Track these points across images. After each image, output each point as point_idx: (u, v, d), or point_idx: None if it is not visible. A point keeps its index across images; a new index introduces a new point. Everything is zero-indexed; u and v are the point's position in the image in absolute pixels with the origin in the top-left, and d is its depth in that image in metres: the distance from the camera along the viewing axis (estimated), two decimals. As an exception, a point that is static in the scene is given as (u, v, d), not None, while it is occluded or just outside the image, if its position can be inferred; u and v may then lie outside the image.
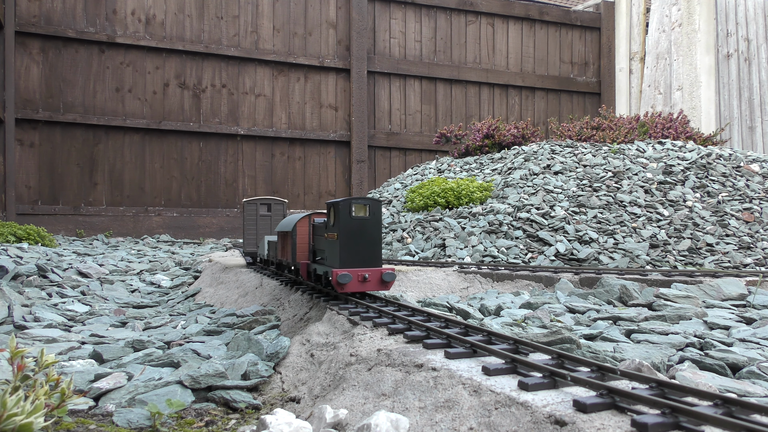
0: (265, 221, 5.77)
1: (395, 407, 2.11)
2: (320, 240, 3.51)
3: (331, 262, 3.24)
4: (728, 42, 15.24)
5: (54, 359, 1.82)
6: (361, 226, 3.15)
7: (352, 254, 3.12)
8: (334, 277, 3.06)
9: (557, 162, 8.42)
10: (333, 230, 3.18)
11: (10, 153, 11.68)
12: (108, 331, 3.96)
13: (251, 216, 5.71)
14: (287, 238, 4.08)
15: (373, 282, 3.17)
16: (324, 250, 3.41)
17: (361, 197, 3.19)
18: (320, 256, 3.51)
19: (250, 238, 5.80)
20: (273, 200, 5.81)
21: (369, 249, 3.18)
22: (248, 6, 13.72)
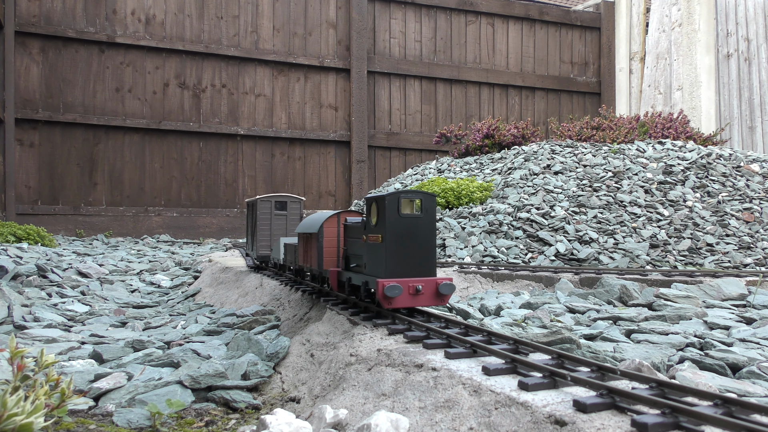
0: (280, 221, 5.20)
1: (395, 407, 2.11)
2: (356, 244, 3.04)
3: (372, 271, 2.75)
4: (728, 42, 15.24)
5: (54, 359, 1.82)
6: (412, 226, 2.65)
7: (401, 261, 2.65)
8: (380, 289, 2.56)
9: (557, 162, 8.42)
10: (376, 231, 2.71)
11: (10, 153, 11.68)
12: (108, 331, 3.96)
13: (264, 215, 5.15)
14: (311, 242, 3.60)
15: (426, 295, 2.66)
16: (362, 255, 2.92)
17: (411, 190, 2.65)
18: (356, 262, 3.04)
19: (263, 239, 5.21)
20: (289, 198, 5.25)
21: (421, 254, 2.68)
22: (248, 6, 13.72)
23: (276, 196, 5.20)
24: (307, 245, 3.70)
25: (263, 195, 5.11)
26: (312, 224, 3.56)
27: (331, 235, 3.37)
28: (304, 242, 3.79)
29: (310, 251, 3.65)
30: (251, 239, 5.63)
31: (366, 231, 2.82)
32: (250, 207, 5.64)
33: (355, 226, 3.11)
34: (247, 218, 5.90)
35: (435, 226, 2.73)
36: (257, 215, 5.18)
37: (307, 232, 3.66)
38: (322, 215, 3.48)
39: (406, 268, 2.66)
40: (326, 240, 3.36)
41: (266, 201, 5.16)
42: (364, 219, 2.87)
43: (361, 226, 2.96)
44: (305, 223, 3.77)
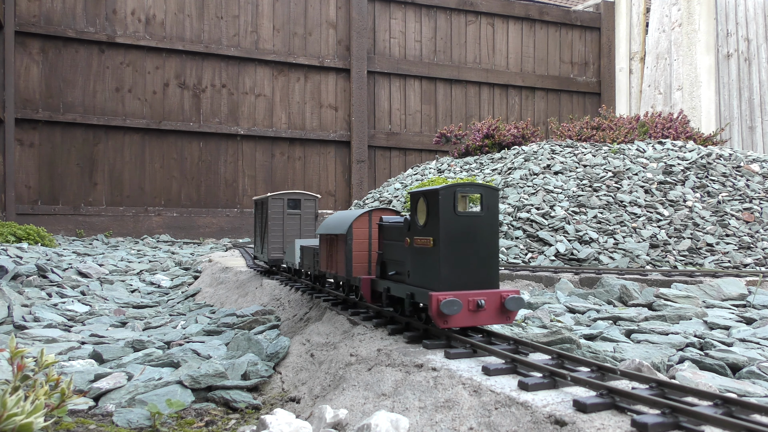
0: (293, 221, 4.77)
1: (395, 407, 2.11)
2: (395, 248, 2.65)
3: (420, 280, 2.37)
4: (728, 42, 15.24)
5: (54, 359, 1.82)
6: (471, 226, 2.25)
7: (458, 269, 2.24)
8: (434, 304, 2.16)
9: (557, 162, 8.42)
10: (425, 233, 2.31)
11: (10, 153, 11.68)
12: (108, 331, 3.96)
13: (276, 215, 4.72)
14: (336, 244, 3.17)
15: (489, 311, 2.26)
16: (404, 261, 2.53)
17: (469, 183, 2.32)
18: (395, 269, 2.65)
19: (275, 241, 4.75)
20: (303, 195, 4.82)
21: (482, 261, 2.27)
22: (248, 6, 13.72)
23: (289, 194, 4.77)
24: (332, 248, 3.26)
25: (274, 192, 4.73)
26: (338, 224, 3.15)
27: (362, 236, 2.99)
28: (327, 245, 3.34)
29: (335, 255, 3.21)
30: (260, 241, 5.17)
31: (411, 232, 2.42)
32: (260, 206, 5.21)
33: (394, 227, 2.70)
34: (256, 218, 5.46)
35: (497, 227, 2.33)
36: (268, 215, 4.76)
37: (331, 234, 3.22)
38: (350, 214, 3.12)
39: (464, 278, 2.24)
40: (356, 243, 2.99)
41: (278, 199, 4.76)
42: (407, 218, 2.46)
43: (402, 226, 2.55)
44: (329, 223, 3.35)
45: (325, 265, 3.42)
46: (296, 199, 4.82)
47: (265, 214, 4.92)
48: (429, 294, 2.19)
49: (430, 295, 2.18)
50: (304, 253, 4.06)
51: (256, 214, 5.50)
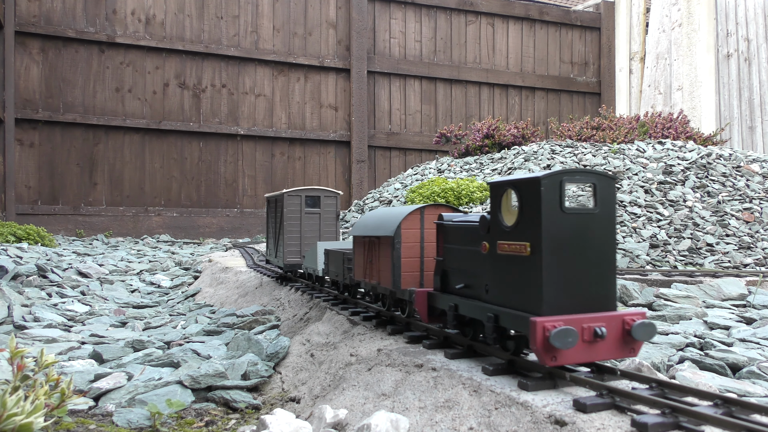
0: (312, 221, 4.31)
1: (395, 407, 2.10)
2: (465, 254, 2.18)
3: (509, 299, 1.89)
4: (728, 42, 15.24)
5: (54, 359, 1.82)
6: (583, 227, 1.76)
7: (567, 286, 1.74)
8: (538, 334, 1.66)
9: (557, 162, 8.42)
10: (517, 236, 1.82)
11: (10, 153, 11.68)
12: (108, 331, 3.96)
13: (293, 214, 4.26)
14: (378, 249, 2.71)
15: (610, 342, 1.77)
16: (479, 272, 2.07)
17: (578, 169, 1.80)
18: (463, 281, 2.18)
19: (292, 244, 4.28)
20: (323, 192, 4.34)
21: (597, 274, 1.79)
22: (248, 6, 13.72)
23: (307, 190, 4.31)
24: (372, 254, 2.79)
25: (291, 189, 4.28)
26: (380, 224, 2.69)
27: (412, 239, 2.51)
28: (365, 249, 2.87)
29: (376, 262, 2.74)
30: (274, 243, 4.70)
31: (492, 235, 1.95)
32: (273, 204, 4.76)
33: (462, 228, 2.21)
34: (268, 218, 4.99)
35: (615, 228, 1.82)
36: (284, 214, 4.28)
37: (371, 236, 2.75)
38: (396, 212, 2.64)
39: (575, 297, 1.74)
40: (405, 247, 2.51)
41: (295, 196, 4.29)
42: (485, 216, 2.00)
43: (475, 227, 2.09)
44: (367, 222, 2.89)
45: (361, 273, 2.93)
46: (315, 195, 4.33)
47: (279, 213, 4.44)
48: (530, 320, 1.69)
49: (532, 321, 1.68)
50: (330, 258, 3.54)
51: (268, 213, 5.01)
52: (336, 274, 3.43)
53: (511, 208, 1.93)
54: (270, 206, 4.96)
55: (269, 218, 4.98)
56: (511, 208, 1.93)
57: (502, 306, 1.92)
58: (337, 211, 4.39)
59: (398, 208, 2.75)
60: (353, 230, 3.02)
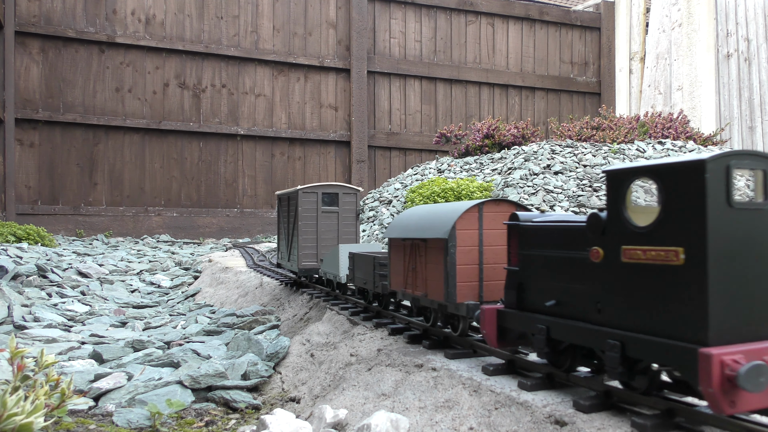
0: (329, 221, 3.96)
1: (395, 407, 2.10)
2: (555, 263, 1.80)
3: (644, 322, 1.50)
4: (728, 42, 15.24)
5: (54, 359, 1.82)
6: (754, 227, 1.40)
7: (739, 304, 1.38)
8: (714, 371, 1.29)
9: (557, 162, 8.42)
10: (659, 239, 1.45)
11: (10, 153, 11.68)
12: (108, 331, 3.96)
13: (308, 213, 3.89)
14: (424, 254, 2.34)
15: None
16: (585, 289, 1.69)
17: (748, 152, 1.42)
18: (554, 297, 1.81)
19: (307, 246, 3.92)
20: (342, 188, 3.97)
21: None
22: (248, 6, 13.72)
23: (324, 187, 3.95)
24: (415, 259, 2.42)
25: (306, 185, 3.92)
26: (426, 224, 2.32)
27: (470, 242, 2.14)
28: (406, 254, 2.50)
29: (421, 269, 2.36)
30: (286, 245, 4.33)
31: (610, 238, 1.56)
32: (285, 202, 4.39)
33: (552, 230, 1.83)
34: (279, 217, 4.63)
35: None
36: (298, 213, 3.90)
37: (414, 238, 2.38)
38: (447, 209, 2.28)
39: (750, 319, 1.38)
40: (462, 252, 2.14)
41: (310, 193, 3.93)
42: (597, 215, 1.62)
43: (575, 228, 1.73)
44: (407, 222, 2.52)
45: (400, 283, 2.55)
46: (333, 193, 3.95)
47: (293, 213, 4.05)
48: (698, 352, 1.31)
49: (704, 354, 1.29)
50: (356, 263, 3.16)
51: (279, 212, 4.63)
52: (364, 281, 3.04)
53: (643, 207, 1.62)
54: (281, 205, 4.54)
55: (280, 218, 4.56)
56: (643, 207, 1.62)
57: (629, 330, 1.52)
58: (357, 209, 4.01)
59: (448, 205, 2.35)
60: (389, 231, 2.66)
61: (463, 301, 2.18)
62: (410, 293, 2.50)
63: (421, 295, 2.41)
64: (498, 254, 2.22)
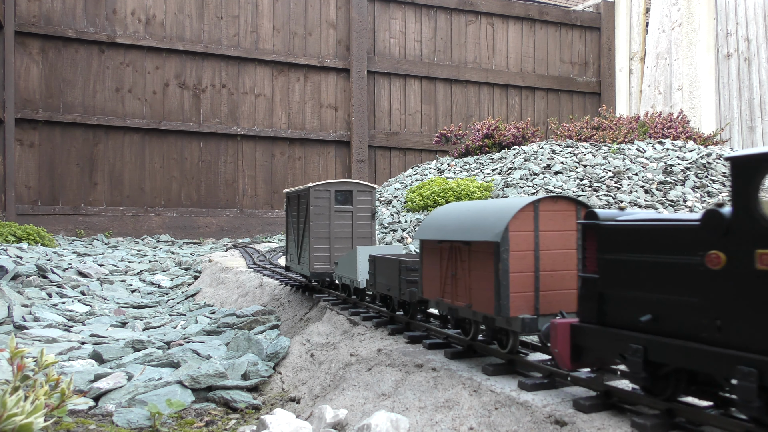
0: (343, 221, 3.74)
1: (395, 407, 2.10)
2: (652, 270, 1.53)
3: None
4: (728, 42, 15.24)
5: (54, 359, 1.82)
6: None
7: None
8: None
9: (557, 162, 8.42)
10: None
11: (10, 153, 11.68)
12: (108, 331, 3.96)
13: (321, 212, 3.68)
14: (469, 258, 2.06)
15: None
16: (695, 301, 1.43)
17: None
18: (650, 311, 1.54)
19: (319, 248, 3.70)
20: (356, 186, 3.77)
21: None
22: (248, 6, 13.72)
23: (337, 184, 3.73)
24: (455, 264, 2.15)
25: (318, 183, 3.72)
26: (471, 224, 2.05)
27: (525, 245, 1.90)
28: (443, 258, 2.24)
29: (463, 276, 2.09)
30: (296, 247, 4.10)
31: (737, 240, 1.31)
32: (294, 201, 4.17)
33: (646, 230, 1.56)
34: (288, 217, 4.42)
35: None
36: (309, 212, 3.69)
37: (455, 240, 2.13)
38: (496, 207, 2.01)
39: None
40: (516, 257, 1.88)
41: (323, 191, 3.70)
42: (721, 211, 1.36)
43: (682, 227, 1.47)
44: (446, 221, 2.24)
45: (436, 290, 2.29)
46: (347, 190, 3.72)
47: (304, 212, 3.83)
48: None
49: None
50: (378, 267, 2.92)
51: (288, 211, 4.39)
52: (387, 287, 2.78)
53: None
54: (290, 203, 4.30)
55: (289, 217, 4.33)
56: None
57: (764, 353, 1.25)
58: (373, 208, 3.75)
59: (494, 202, 2.08)
60: (420, 232, 2.40)
61: (518, 315, 1.89)
62: (448, 303, 2.21)
63: (463, 306, 2.12)
64: (556, 259, 1.97)
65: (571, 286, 1.99)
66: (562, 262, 1.99)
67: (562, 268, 1.99)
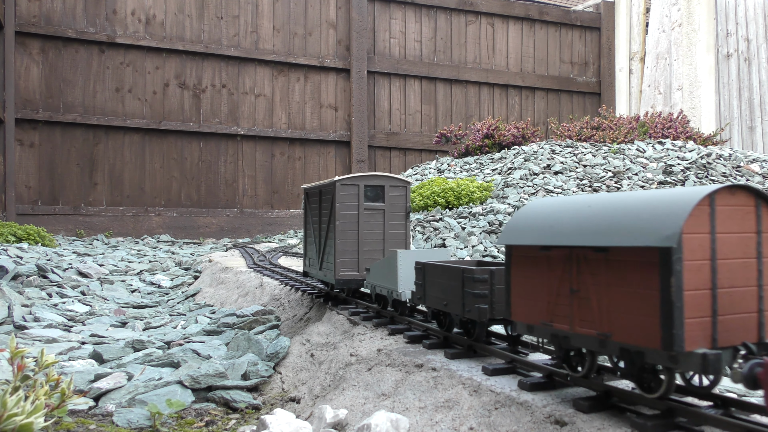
0: (375, 220, 3.26)
1: (395, 407, 2.10)
2: None
3: None
4: (728, 42, 15.24)
5: (54, 359, 1.82)
6: None
7: None
8: None
9: (557, 162, 8.42)
10: None
11: (10, 153, 11.68)
12: (108, 331, 3.96)
13: (348, 210, 3.23)
14: (607, 272, 1.56)
15: None
16: None
17: None
18: None
19: (346, 252, 3.23)
20: (387, 179, 3.28)
21: None
22: (248, 6, 13.72)
23: (366, 178, 3.26)
24: (576, 279, 1.65)
25: (344, 176, 3.26)
26: (607, 223, 1.55)
27: (701, 254, 1.43)
28: (554, 270, 1.73)
29: (594, 295, 1.59)
30: (317, 249, 3.63)
31: None
32: (316, 197, 3.68)
33: None
34: (307, 216, 3.93)
35: None
36: (335, 210, 3.22)
37: (579, 246, 1.63)
38: (650, 200, 1.51)
39: None
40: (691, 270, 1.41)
41: (350, 186, 3.23)
42: None
43: None
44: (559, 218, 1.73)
45: (540, 313, 1.77)
46: (378, 185, 3.26)
47: (328, 210, 3.37)
48: None
49: None
50: (430, 276, 2.43)
51: (307, 209, 3.91)
52: (443, 302, 2.32)
53: None
54: (310, 201, 3.83)
55: (308, 216, 3.88)
56: None
57: None
58: (407, 206, 3.30)
59: (641, 194, 1.58)
60: (509, 234, 1.90)
61: (694, 348, 1.38)
62: (563, 330, 1.69)
63: (592, 335, 1.59)
64: (735, 272, 1.49)
65: (751, 307, 1.51)
66: (741, 276, 1.51)
67: (741, 283, 1.51)
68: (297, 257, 7.52)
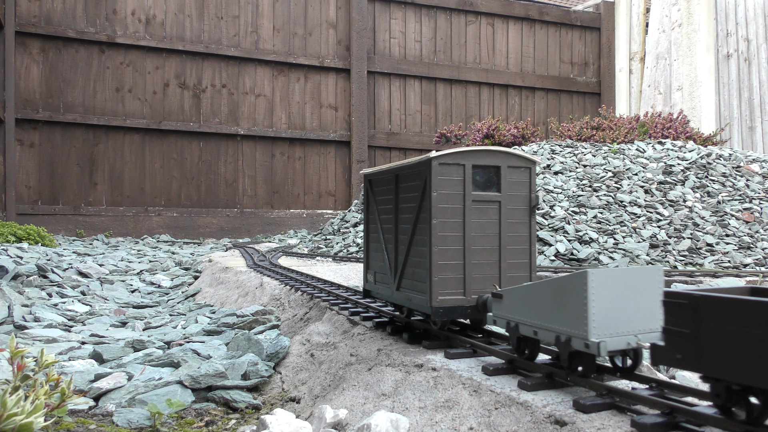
0: (486, 217, 2.25)
1: (395, 407, 2.10)
2: None
3: None
4: (728, 42, 15.24)
5: (54, 359, 1.82)
6: None
7: None
8: None
9: (557, 162, 8.42)
10: None
11: (10, 153, 11.68)
12: (108, 331, 3.96)
13: (449, 202, 2.20)
14: None
15: None
16: None
17: None
18: None
19: (445, 265, 2.20)
20: (506, 157, 2.26)
21: None
22: (248, 6, 13.72)
23: (473, 154, 2.22)
24: None
25: (442, 152, 2.22)
26: None
27: None
28: None
29: None
30: (392, 261, 2.58)
31: None
32: (390, 184, 2.58)
33: None
34: (371, 211, 2.83)
35: None
36: (430, 201, 2.19)
37: None
38: None
39: None
40: None
41: (452, 165, 2.20)
42: None
43: None
44: None
45: None
46: (492, 165, 2.24)
47: (415, 202, 2.32)
48: None
49: None
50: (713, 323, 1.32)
51: (370, 202, 2.84)
52: None
53: None
54: (376, 190, 2.78)
55: (375, 212, 2.78)
56: None
57: None
58: (533, 196, 2.30)
59: None
60: None
61: None
62: None
63: None
64: None
65: None
66: None
67: None
68: (297, 257, 7.52)
